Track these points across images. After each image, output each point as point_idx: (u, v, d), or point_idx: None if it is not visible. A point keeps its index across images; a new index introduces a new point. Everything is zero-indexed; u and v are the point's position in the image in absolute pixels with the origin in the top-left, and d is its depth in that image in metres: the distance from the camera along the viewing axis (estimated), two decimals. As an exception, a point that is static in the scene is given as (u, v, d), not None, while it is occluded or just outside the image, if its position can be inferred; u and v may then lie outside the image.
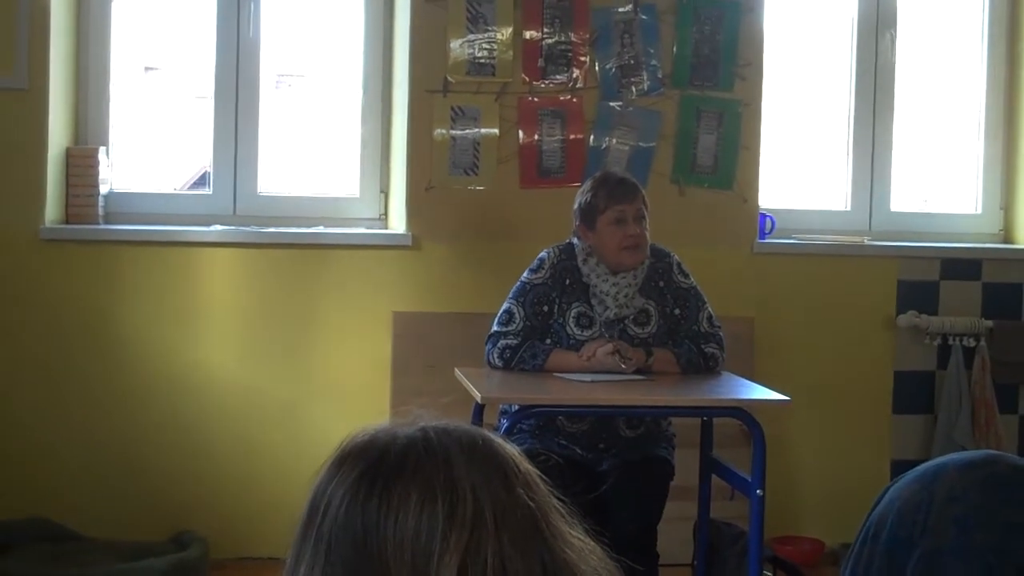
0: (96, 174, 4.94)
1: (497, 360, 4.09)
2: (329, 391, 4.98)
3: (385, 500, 1.24)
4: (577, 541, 1.30)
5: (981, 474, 1.49)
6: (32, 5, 4.77)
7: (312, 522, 1.27)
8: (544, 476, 1.33)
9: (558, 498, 1.32)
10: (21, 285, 4.85)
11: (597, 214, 4.11)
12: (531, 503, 1.27)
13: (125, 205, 5.10)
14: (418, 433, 1.30)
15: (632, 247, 4.10)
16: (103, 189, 4.99)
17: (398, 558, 1.22)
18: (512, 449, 1.32)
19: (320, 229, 5.10)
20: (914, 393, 5.37)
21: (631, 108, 5.12)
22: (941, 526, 1.46)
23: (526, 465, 1.31)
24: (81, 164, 4.94)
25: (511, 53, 5.03)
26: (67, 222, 4.95)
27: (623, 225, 4.09)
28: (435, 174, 5.02)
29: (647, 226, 4.13)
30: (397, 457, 1.27)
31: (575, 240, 4.20)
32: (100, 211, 4.97)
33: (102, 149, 5.00)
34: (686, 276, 4.22)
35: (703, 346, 4.15)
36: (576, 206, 4.19)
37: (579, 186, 4.36)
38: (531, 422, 4.08)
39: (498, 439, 1.32)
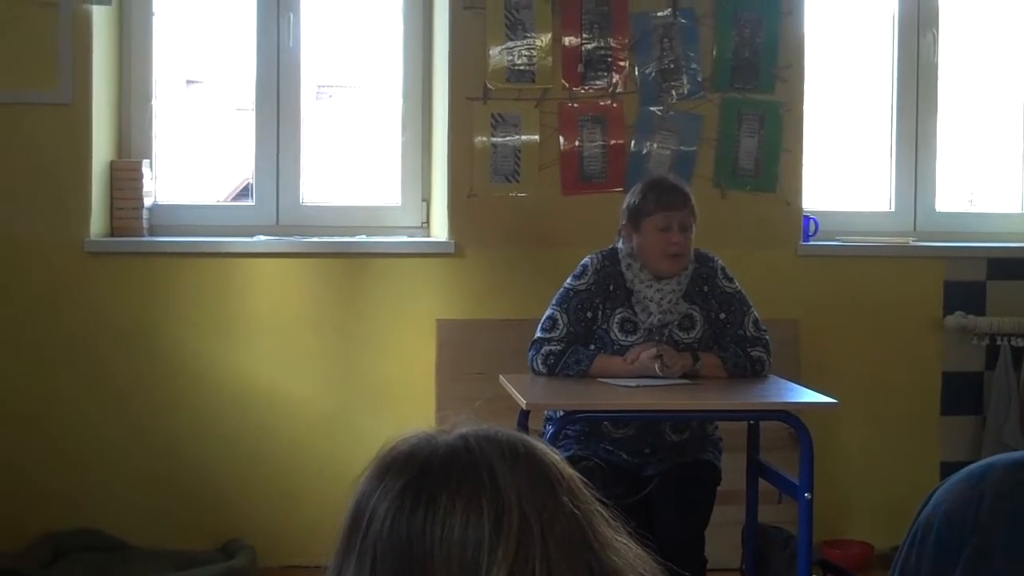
0: (140, 187, 4.97)
1: (541, 366, 4.08)
2: (374, 399, 4.99)
3: (431, 513, 1.21)
4: (623, 547, 1.28)
5: (1031, 472, 1.48)
6: (74, 20, 4.82)
7: (355, 534, 1.25)
8: (586, 480, 1.31)
9: (601, 502, 1.30)
10: (67, 298, 4.88)
11: (644, 216, 4.09)
12: (576, 511, 1.25)
13: (169, 217, 5.13)
14: (459, 441, 1.27)
15: (673, 255, 4.08)
16: (147, 202, 5.03)
17: (445, 571, 1.20)
18: (554, 455, 1.30)
19: (362, 238, 5.12)
20: (962, 394, 5.32)
21: (672, 112, 5.10)
22: (992, 524, 1.45)
23: (569, 471, 1.29)
24: (125, 177, 4.97)
25: (550, 59, 5.03)
26: (112, 235, 4.99)
27: (667, 232, 4.07)
28: (476, 181, 5.03)
29: (692, 236, 4.11)
30: (441, 468, 1.24)
31: (619, 245, 4.19)
32: (144, 223, 5.01)
33: (145, 162, 5.03)
34: (730, 280, 4.20)
35: (749, 350, 4.13)
36: (624, 205, 4.17)
37: (621, 191, 4.35)
38: (576, 427, 4.07)
39: (540, 444, 1.30)
